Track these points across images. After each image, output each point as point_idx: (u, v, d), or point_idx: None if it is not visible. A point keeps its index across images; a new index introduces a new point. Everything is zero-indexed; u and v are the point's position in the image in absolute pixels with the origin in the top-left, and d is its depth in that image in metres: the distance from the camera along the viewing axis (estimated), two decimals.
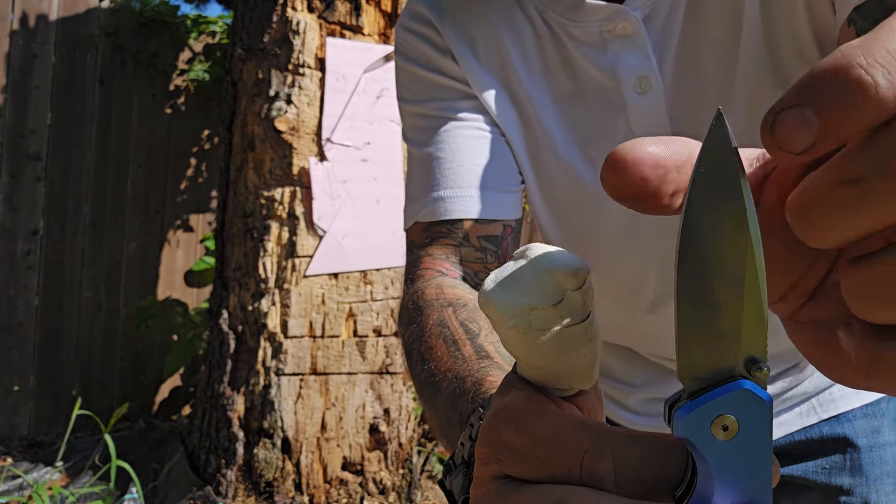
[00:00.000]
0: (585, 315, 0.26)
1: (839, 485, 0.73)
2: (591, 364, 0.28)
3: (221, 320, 2.32)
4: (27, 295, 2.77)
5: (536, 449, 0.26)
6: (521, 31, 0.64)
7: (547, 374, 0.28)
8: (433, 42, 0.66)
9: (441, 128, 0.65)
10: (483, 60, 0.65)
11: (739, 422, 0.24)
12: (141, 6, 2.83)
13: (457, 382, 0.48)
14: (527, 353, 0.27)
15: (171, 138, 3.01)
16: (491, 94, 0.64)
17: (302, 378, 2.27)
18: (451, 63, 0.65)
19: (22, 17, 2.65)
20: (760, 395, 0.24)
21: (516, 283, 0.26)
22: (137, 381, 3.07)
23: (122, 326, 2.99)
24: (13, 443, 2.78)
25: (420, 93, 0.67)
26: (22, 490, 2.30)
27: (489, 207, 0.63)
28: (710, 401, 0.24)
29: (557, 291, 0.26)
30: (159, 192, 3.01)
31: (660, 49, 0.59)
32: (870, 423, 0.73)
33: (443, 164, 0.64)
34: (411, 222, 0.66)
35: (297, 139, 2.21)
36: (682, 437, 0.24)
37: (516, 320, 0.26)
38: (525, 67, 0.64)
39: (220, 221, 2.44)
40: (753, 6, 0.57)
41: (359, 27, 2.30)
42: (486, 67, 0.65)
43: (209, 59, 2.98)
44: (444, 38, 0.65)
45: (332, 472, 2.32)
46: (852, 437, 0.73)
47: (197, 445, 2.41)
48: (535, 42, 0.64)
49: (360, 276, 2.34)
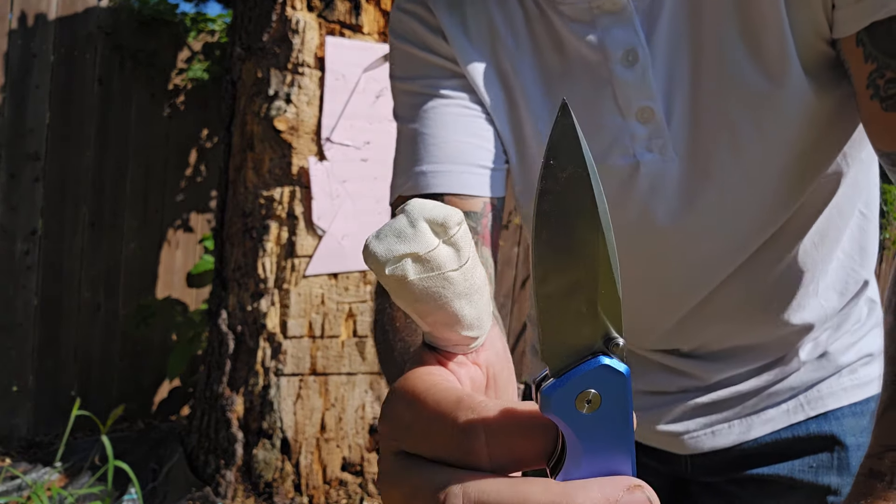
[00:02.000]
0: (462, 262, 0.28)
1: (826, 484, 0.72)
2: (478, 314, 0.30)
3: (220, 320, 2.31)
4: (26, 295, 2.77)
5: (423, 426, 0.27)
6: (512, 10, 0.65)
7: (437, 327, 0.29)
8: (425, 21, 0.67)
9: (426, 104, 0.65)
10: (474, 40, 0.65)
11: (602, 395, 0.26)
12: (140, 5, 2.83)
13: (404, 353, 0.49)
14: (410, 301, 0.28)
15: (170, 137, 3.00)
16: (479, 73, 0.65)
17: (301, 378, 2.27)
18: (441, 42, 0.66)
19: (21, 16, 2.65)
20: (618, 368, 0.26)
21: (394, 233, 0.27)
22: (136, 381, 3.06)
23: (121, 327, 2.99)
24: (12, 443, 2.78)
25: (410, 70, 0.68)
26: (21, 490, 2.29)
27: (470, 183, 0.63)
28: (573, 378, 0.26)
29: (432, 240, 0.27)
30: (158, 192, 3.01)
31: (648, 23, 0.59)
32: (858, 422, 0.73)
33: (427, 139, 0.64)
34: (395, 196, 0.67)
35: (296, 139, 2.20)
36: (550, 414, 0.26)
37: (393, 267, 0.27)
38: (515, 47, 0.65)
39: (220, 221, 2.43)
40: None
41: (358, 26, 2.29)
42: (476, 47, 0.65)
43: (208, 58, 2.98)
44: (436, 17, 0.66)
45: (331, 472, 2.32)
46: (840, 436, 0.72)
47: (196, 446, 2.41)
48: (524, 22, 0.65)
49: (359, 276, 2.34)
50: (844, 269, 0.71)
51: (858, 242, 0.72)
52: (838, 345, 0.73)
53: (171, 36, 2.94)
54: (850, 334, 0.73)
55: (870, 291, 0.75)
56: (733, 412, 0.73)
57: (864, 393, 0.73)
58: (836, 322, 0.72)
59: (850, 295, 0.72)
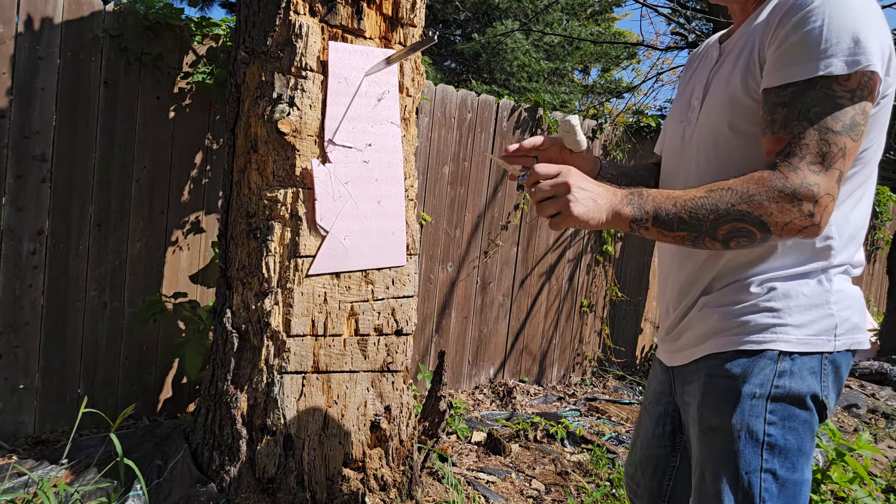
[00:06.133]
0: (580, 133, 1.46)
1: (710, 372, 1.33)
2: (579, 145, 1.47)
3: (225, 319, 2.34)
4: (33, 294, 2.80)
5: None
6: (711, 52, 1.42)
7: (570, 144, 1.47)
8: None
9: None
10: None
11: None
12: (145, 9, 2.85)
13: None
14: (570, 141, 1.46)
15: (175, 140, 3.03)
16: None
17: (304, 376, 2.29)
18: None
19: (27, 19, 2.67)
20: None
21: (572, 118, 1.43)
22: (142, 379, 3.09)
23: (127, 325, 3.01)
24: (18, 440, 2.80)
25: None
26: (27, 487, 2.31)
27: None
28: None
29: (572, 125, 1.44)
30: (164, 193, 3.04)
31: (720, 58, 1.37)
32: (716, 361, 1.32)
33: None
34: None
35: (299, 141, 2.22)
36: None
37: (574, 120, 1.44)
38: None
39: (224, 222, 2.46)
40: (752, 50, 1.21)
41: (360, 31, 2.31)
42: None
43: (213, 61, 3.00)
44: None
45: (333, 468, 2.34)
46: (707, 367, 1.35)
47: (200, 442, 2.43)
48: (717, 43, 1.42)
49: (361, 275, 2.36)
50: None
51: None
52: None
53: (175, 39, 2.96)
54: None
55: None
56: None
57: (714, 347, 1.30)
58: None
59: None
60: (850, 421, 4.46)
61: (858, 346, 1.23)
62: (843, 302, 1.22)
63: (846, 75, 1.06)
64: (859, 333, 1.24)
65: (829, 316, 1.20)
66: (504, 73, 14.04)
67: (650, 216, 1.12)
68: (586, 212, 1.10)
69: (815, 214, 1.08)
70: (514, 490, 2.93)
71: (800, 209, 1.08)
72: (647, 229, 1.13)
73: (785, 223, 1.09)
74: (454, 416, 3.62)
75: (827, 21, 1.07)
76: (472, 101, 4.00)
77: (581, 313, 4.80)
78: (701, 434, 1.27)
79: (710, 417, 1.24)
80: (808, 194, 1.07)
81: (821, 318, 1.20)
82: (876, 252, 7.82)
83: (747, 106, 1.20)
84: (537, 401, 4.28)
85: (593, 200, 1.11)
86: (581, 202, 1.10)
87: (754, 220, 1.09)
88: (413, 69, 2.50)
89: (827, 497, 2.72)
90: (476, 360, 4.31)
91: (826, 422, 2.78)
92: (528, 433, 3.57)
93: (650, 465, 1.51)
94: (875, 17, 1.09)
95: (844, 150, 1.08)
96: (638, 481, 1.55)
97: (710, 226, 1.10)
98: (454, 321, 4.13)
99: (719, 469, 1.21)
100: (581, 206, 1.10)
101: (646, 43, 8.72)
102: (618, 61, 15.34)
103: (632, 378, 4.88)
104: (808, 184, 1.07)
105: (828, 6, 1.08)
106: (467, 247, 4.11)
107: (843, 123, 1.07)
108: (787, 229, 1.09)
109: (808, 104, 1.08)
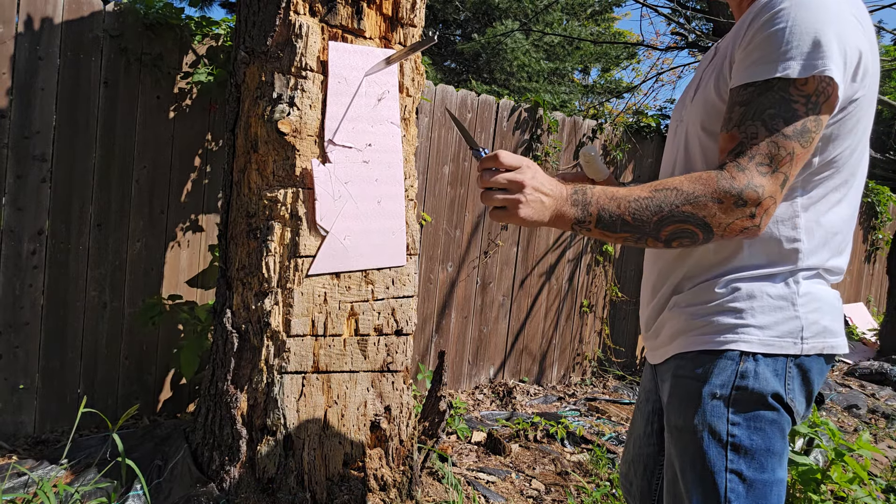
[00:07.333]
0: (600, 162, 1.53)
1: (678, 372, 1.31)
2: (600, 173, 1.53)
3: (225, 319, 2.34)
4: (33, 294, 2.80)
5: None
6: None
7: (592, 174, 1.55)
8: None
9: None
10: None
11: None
12: (145, 9, 2.85)
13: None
14: (591, 170, 1.54)
15: (175, 140, 3.03)
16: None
17: (304, 376, 2.29)
18: None
19: (27, 19, 2.67)
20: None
21: (591, 148, 1.51)
22: (142, 379, 3.09)
23: (127, 325, 3.01)
24: (18, 440, 2.81)
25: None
26: (27, 487, 2.31)
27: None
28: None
29: (591, 156, 1.52)
30: (164, 193, 3.04)
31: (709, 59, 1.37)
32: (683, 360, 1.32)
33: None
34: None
35: (299, 141, 2.23)
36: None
37: (592, 151, 1.52)
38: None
39: (224, 222, 2.46)
40: (727, 50, 1.21)
41: (360, 31, 2.31)
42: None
43: (213, 61, 3.00)
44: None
45: (333, 468, 2.34)
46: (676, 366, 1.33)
47: (200, 443, 2.43)
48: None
49: (361, 275, 2.36)
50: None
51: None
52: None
53: (175, 39, 2.96)
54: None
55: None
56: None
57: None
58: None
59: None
60: (850, 421, 4.46)
61: (833, 351, 1.20)
62: (810, 304, 1.19)
63: (803, 79, 1.07)
64: (832, 338, 1.20)
65: (795, 318, 1.18)
66: (504, 73, 14.04)
67: (593, 218, 1.12)
68: (531, 214, 1.10)
69: (757, 216, 1.09)
70: (514, 490, 2.93)
71: (743, 210, 1.08)
72: (590, 230, 1.13)
73: (727, 224, 1.10)
74: (454, 416, 3.62)
75: (791, 24, 1.07)
76: (472, 101, 4.00)
77: (581, 313, 4.80)
78: (669, 434, 1.27)
79: (676, 418, 1.24)
80: (753, 196, 1.08)
81: (786, 319, 1.18)
82: (876, 252, 7.82)
83: (717, 106, 1.20)
84: (537, 401, 4.29)
85: (541, 202, 1.11)
86: (530, 205, 1.10)
87: (698, 221, 1.10)
88: (413, 69, 2.50)
89: (827, 497, 2.72)
90: (476, 360, 4.31)
91: (826, 422, 2.78)
92: (528, 433, 3.57)
93: (641, 464, 1.52)
94: (845, 22, 1.07)
95: (793, 154, 1.08)
96: (631, 480, 1.55)
97: (654, 227, 1.11)
98: (454, 321, 4.13)
99: (686, 469, 1.21)
100: (528, 209, 1.10)
101: (646, 43, 8.73)
102: (618, 61, 15.34)
103: (632, 378, 4.88)
104: (753, 185, 1.08)
105: (796, 8, 1.07)
106: (467, 247, 4.11)
107: (794, 128, 1.08)
108: (729, 230, 1.10)
109: (764, 105, 1.09)
